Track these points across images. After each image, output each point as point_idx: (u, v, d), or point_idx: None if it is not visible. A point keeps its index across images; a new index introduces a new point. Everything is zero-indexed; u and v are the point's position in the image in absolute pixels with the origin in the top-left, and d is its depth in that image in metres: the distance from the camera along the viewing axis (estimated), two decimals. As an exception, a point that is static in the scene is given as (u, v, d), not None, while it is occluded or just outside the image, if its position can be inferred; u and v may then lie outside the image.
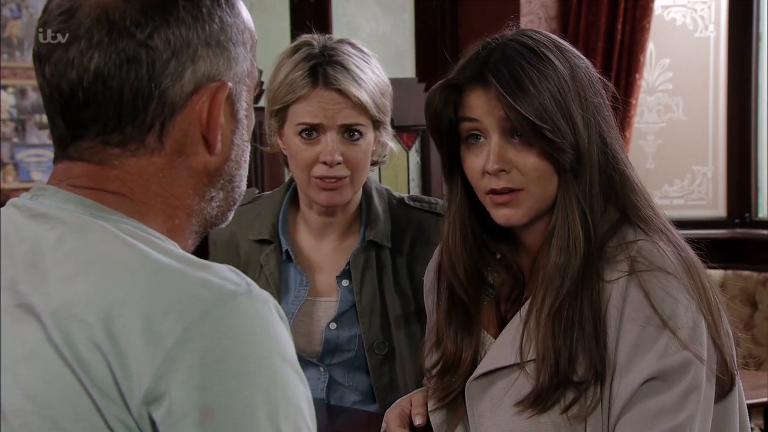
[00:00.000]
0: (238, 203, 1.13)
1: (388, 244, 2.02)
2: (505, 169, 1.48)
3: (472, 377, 1.54)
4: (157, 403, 0.89)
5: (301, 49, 1.95)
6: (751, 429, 1.57)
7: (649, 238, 1.47)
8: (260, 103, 3.82)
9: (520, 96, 1.44)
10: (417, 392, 1.68)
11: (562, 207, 1.48)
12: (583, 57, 1.54)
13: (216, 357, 0.90)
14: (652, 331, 1.41)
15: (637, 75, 4.65)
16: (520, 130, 1.46)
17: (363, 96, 1.91)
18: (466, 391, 1.54)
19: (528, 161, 1.47)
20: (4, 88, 4.80)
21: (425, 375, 1.67)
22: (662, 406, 1.40)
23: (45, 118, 1.06)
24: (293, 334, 1.98)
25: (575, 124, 1.46)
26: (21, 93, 4.85)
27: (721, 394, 1.48)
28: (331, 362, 2.04)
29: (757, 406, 3.33)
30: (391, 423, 1.64)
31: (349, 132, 1.93)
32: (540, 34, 1.52)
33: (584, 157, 1.47)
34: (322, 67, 1.91)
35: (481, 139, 1.50)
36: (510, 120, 1.46)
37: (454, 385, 1.57)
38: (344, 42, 1.97)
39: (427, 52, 4.98)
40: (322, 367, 2.04)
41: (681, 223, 1.59)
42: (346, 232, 2.05)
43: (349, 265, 2.01)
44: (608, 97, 1.54)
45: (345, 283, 2.02)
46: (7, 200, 1.07)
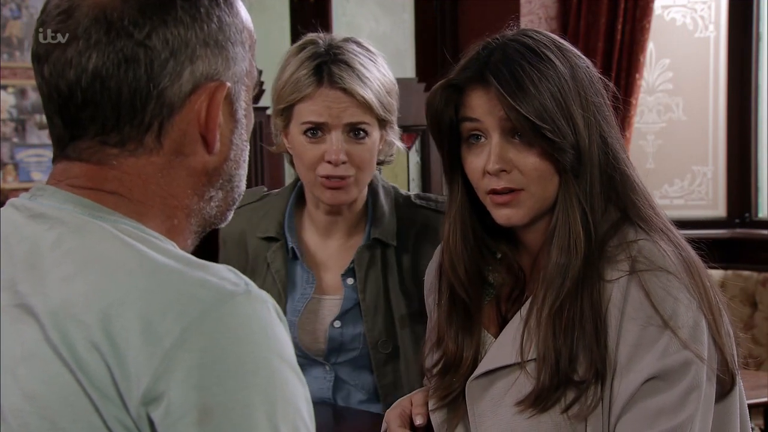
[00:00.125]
0: (237, 203, 1.12)
1: (393, 243, 2.01)
2: (506, 169, 1.48)
3: (472, 377, 1.54)
4: (156, 403, 0.89)
5: (307, 48, 1.94)
6: (752, 429, 1.56)
7: (650, 238, 1.47)
8: (260, 103, 3.83)
9: (521, 96, 1.44)
10: (417, 392, 1.68)
11: (563, 207, 1.48)
12: (584, 57, 1.53)
13: (214, 357, 0.90)
14: (652, 331, 1.41)
15: (637, 75, 4.64)
16: (520, 130, 1.46)
17: (368, 95, 1.90)
18: (466, 391, 1.54)
19: (528, 161, 1.47)
20: (4, 88, 4.80)
21: (426, 375, 1.67)
22: (663, 406, 1.40)
23: (45, 118, 1.06)
24: (299, 331, 2.00)
25: (576, 124, 1.46)
26: (21, 93, 4.85)
27: (722, 394, 1.48)
28: (337, 361, 2.03)
29: (757, 406, 3.33)
30: (392, 423, 1.63)
31: (355, 131, 1.92)
32: (540, 34, 1.52)
33: (585, 157, 1.47)
34: (327, 66, 1.90)
35: (482, 139, 1.50)
36: (510, 120, 1.46)
37: (454, 384, 1.57)
38: (350, 40, 1.96)
39: (427, 52, 4.98)
40: (327, 366, 2.04)
41: (681, 223, 1.59)
42: (352, 230, 2.04)
43: (354, 263, 2.01)
44: (609, 97, 1.54)
45: (350, 281, 2.01)
46: (7, 200, 1.07)
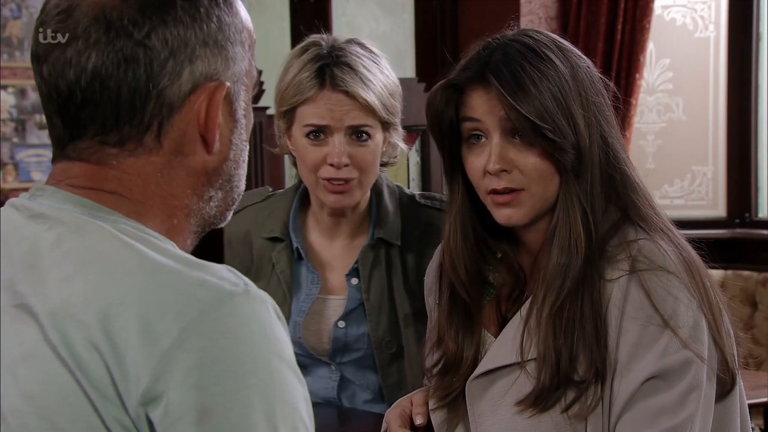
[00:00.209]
0: (237, 203, 1.12)
1: (397, 242, 2.00)
2: (506, 169, 1.48)
3: (472, 376, 1.54)
4: (155, 403, 0.89)
5: (310, 50, 1.93)
6: (752, 429, 1.56)
7: (650, 237, 1.47)
8: (260, 103, 3.83)
9: (521, 96, 1.44)
10: (418, 392, 1.68)
11: (564, 207, 1.48)
12: (584, 57, 1.53)
13: (213, 357, 0.90)
14: (653, 330, 1.41)
15: (637, 75, 4.64)
16: (521, 130, 1.46)
17: (370, 97, 1.89)
18: (466, 390, 1.54)
19: (529, 161, 1.47)
20: (4, 88, 4.80)
21: (426, 374, 1.67)
22: (663, 405, 1.40)
23: (45, 118, 1.06)
24: (304, 331, 2.00)
25: (576, 124, 1.46)
26: (21, 93, 4.85)
27: (722, 394, 1.48)
28: (342, 361, 2.03)
29: (757, 406, 3.32)
30: (392, 423, 1.63)
31: (357, 133, 1.91)
32: (541, 34, 1.52)
33: (585, 157, 1.47)
34: (330, 68, 1.89)
35: (482, 139, 1.50)
36: (511, 120, 1.46)
37: (454, 384, 1.57)
38: (353, 42, 1.95)
39: (427, 52, 4.98)
40: (333, 366, 2.03)
41: (681, 223, 1.59)
42: (357, 230, 2.04)
43: (358, 263, 2.00)
44: (609, 97, 1.54)
45: (354, 281, 2.01)
46: (7, 200, 1.07)
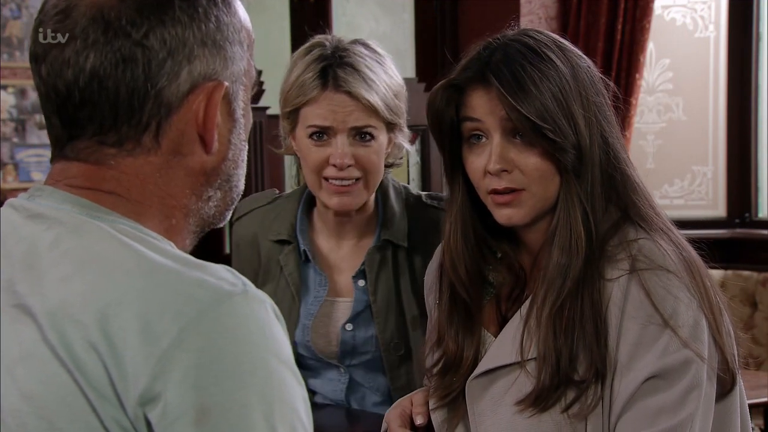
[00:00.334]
0: (236, 203, 1.12)
1: (404, 244, 1.99)
2: (507, 169, 1.48)
3: (472, 376, 1.54)
4: (153, 403, 0.89)
5: (314, 50, 1.93)
6: (752, 429, 1.56)
7: (650, 237, 1.48)
8: (260, 103, 3.83)
9: (522, 96, 1.44)
10: (418, 392, 1.68)
11: (564, 207, 1.48)
12: (585, 57, 1.53)
13: (212, 357, 0.90)
14: (653, 330, 1.41)
15: (637, 75, 4.64)
16: (521, 130, 1.46)
17: (373, 98, 1.88)
18: (466, 390, 1.54)
19: (530, 161, 1.47)
20: (4, 88, 4.80)
21: (426, 374, 1.67)
22: (663, 405, 1.40)
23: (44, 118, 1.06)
24: (313, 334, 1.99)
25: (577, 124, 1.46)
26: (21, 93, 4.85)
27: (722, 394, 1.49)
28: (351, 363, 2.02)
29: (757, 406, 3.32)
30: (392, 423, 1.63)
31: (360, 134, 1.91)
32: (542, 34, 1.52)
33: (586, 157, 1.47)
34: (333, 69, 1.88)
35: (483, 139, 1.50)
36: (511, 120, 1.46)
37: (455, 384, 1.57)
38: (357, 43, 1.94)
39: (427, 52, 4.98)
40: (342, 368, 2.02)
41: (681, 223, 1.59)
42: (364, 231, 2.03)
43: (365, 264, 1.99)
44: (609, 97, 1.54)
45: (360, 283, 2.00)
46: (5, 201, 1.07)
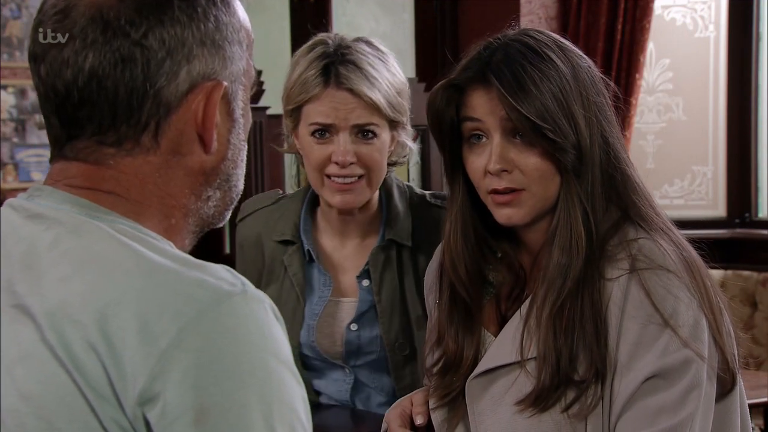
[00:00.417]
0: (235, 203, 1.13)
1: (408, 243, 1.98)
2: (507, 169, 1.48)
3: (472, 375, 1.54)
4: (152, 403, 0.89)
5: (316, 48, 1.92)
6: (752, 429, 1.56)
7: (650, 237, 1.48)
8: (260, 103, 3.83)
9: (522, 96, 1.44)
10: (418, 392, 1.68)
11: (564, 207, 1.48)
12: (586, 57, 1.53)
13: (211, 357, 0.90)
14: (653, 330, 1.42)
15: (637, 75, 4.64)
16: (521, 130, 1.46)
17: (375, 96, 1.87)
18: (466, 390, 1.54)
19: (530, 161, 1.47)
20: (4, 88, 4.80)
21: (426, 374, 1.67)
22: (663, 404, 1.40)
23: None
24: (318, 334, 1.99)
25: (577, 124, 1.46)
26: (21, 93, 4.85)
27: (723, 394, 1.49)
28: (356, 364, 2.01)
29: (757, 406, 3.32)
30: (392, 423, 1.64)
31: (363, 132, 1.90)
32: (542, 33, 1.52)
33: (586, 157, 1.47)
34: (335, 66, 1.88)
35: (483, 139, 1.50)
36: (512, 120, 1.46)
37: (455, 383, 1.57)
38: (360, 41, 1.94)
39: (427, 52, 4.98)
40: (347, 369, 2.02)
41: (681, 223, 1.59)
42: (368, 231, 2.02)
43: (369, 264, 1.98)
44: (610, 97, 1.54)
45: (365, 283, 1.99)
46: (5, 201, 1.07)
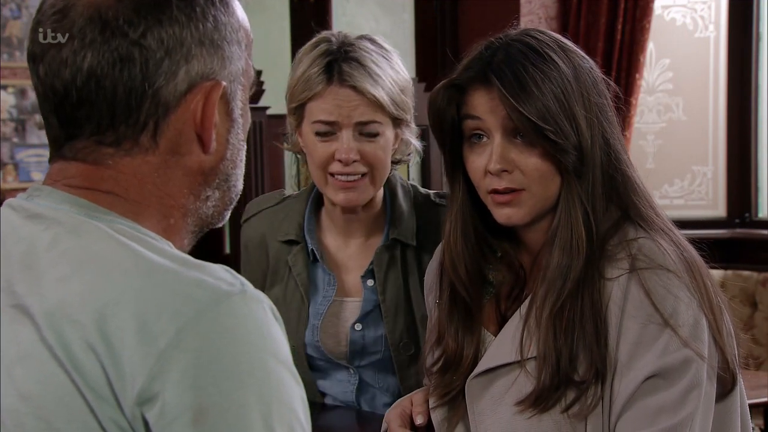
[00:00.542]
0: (234, 203, 1.13)
1: (413, 243, 1.98)
2: (507, 169, 1.48)
3: (472, 375, 1.54)
4: (151, 403, 0.89)
5: (319, 46, 1.92)
6: (752, 429, 1.56)
7: (650, 236, 1.48)
8: (260, 103, 3.83)
9: (523, 97, 1.44)
10: (418, 392, 1.68)
11: (565, 207, 1.48)
12: (588, 57, 1.53)
13: (210, 357, 0.90)
14: (653, 329, 1.42)
15: (637, 75, 4.64)
16: (522, 131, 1.46)
17: (379, 93, 1.87)
18: (466, 389, 1.55)
19: (530, 162, 1.47)
20: (4, 88, 4.80)
21: (426, 374, 1.67)
22: (663, 404, 1.40)
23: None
24: (322, 334, 1.99)
25: (578, 125, 1.46)
26: (21, 93, 4.85)
27: (723, 394, 1.49)
28: (360, 364, 2.01)
29: (757, 406, 3.32)
30: (392, 423, 1.64)
31: (366, 130, 1.90)
32: (544, 34, 1.52)
33: (587, 158, 1.47)
34: (338, 64, 1.88)
35: (484, 138, 1.50)
36: (513, 120, 1.46)
37: (455, 382, 1.57)
38: (364, 38, 1.93)
39: (427, 52, 4.97)
40: (351, 369, 2.02)
41: (681, 223, 1.59)
42: (372, 230, 2.02)
43: (373, 264, 1.98)
44: (611, 98, 1.54)
45: (369, 282, 1.99)
46: (4, 201, 1.07)
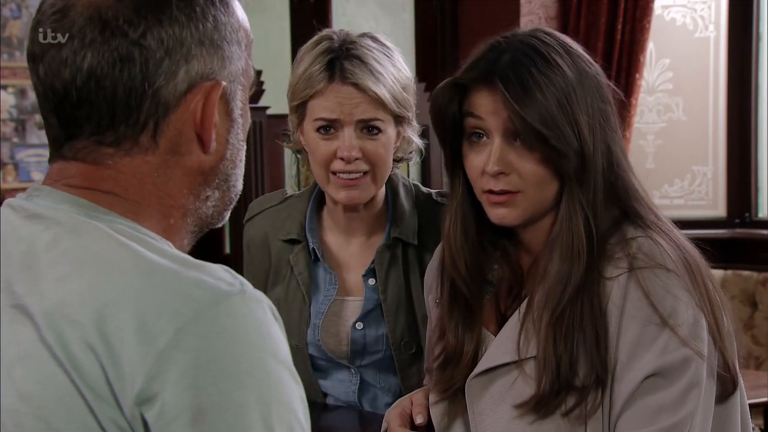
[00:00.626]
0: (234, 203, 1.13)
1: (414, 242, 1.98)
2: (505, 171, 1.48)
3: (472, 375, 1.54)
4: (150, 403, 0.89)
5: (321, 43, 1.92)
6: (752, 429, 1.56)
7: (649, 235, 1.48)
8: (260, 103, 3.83)
9: (527, 102, 1.43)
10: (418, 391, 1.69)
11: (566, 214, 1.47)
12: (594, 63, 1.52)
13: (209, 357, 0.90)
14: (652, 329, 1.42)
15: (637, 75, 4.64)
16: (523, 135, 1.46)
17: (380, 90, 1.87)
18: (466, 389, 1.55)
19: (528, 166, 1.47)
20: (4, 88, 4.80)
21: (427, 375, 1.67)
22: (662, 403, 1.40)
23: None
24: (323, 334, 1.99)
25: (581, 131, 1.45)
26: (21, 93, 4.85)
27: (723, 396, 1.48)
28: (362, 363, 2.01)
29: (757, 406, 3.32)
30: (392, 422, 1.64)
31: (368, 127, 1.90)
32: (551, 36, 1.51)
33: (589, 164, 1.46)
34: (340, 61, 1.88)
35: (484, 138, 1.50)
36: (514, 124, 1.45)
37: (455, 378, 1.57)
38: (365, 36, 1.93)
39: (427, 52, 4.97)
40: (352, 369, 2.02)
41: (681, 223, 1.59)
42: (373, 229, 2.02)
43: (375, 263, 1.98)
44: (616, 104, 1.53)
45: (371, 281, 1.99)
46: (4, 201, 1.07)
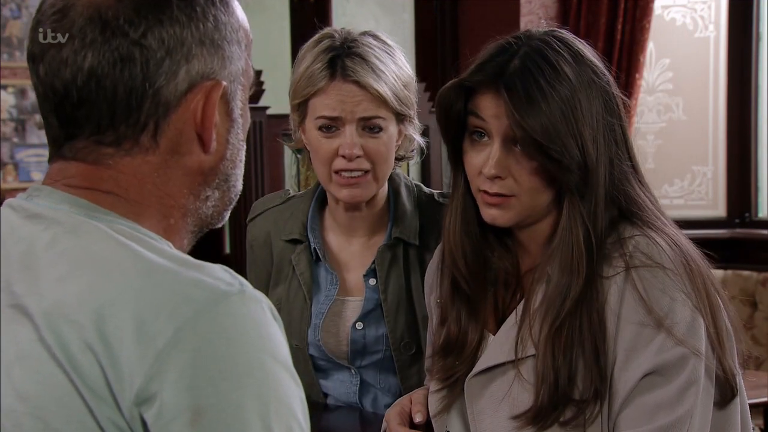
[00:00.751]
0: (234, 203, 1.13)
1: (415, 242, 1.97)
2: (501, 176, 1.48)
3: (471, 374, 1.54)
4: (149, 403, 0.89)
5: (323, 41, 1.92)
6: (752, 429, 1.56)
7: (646, 234, 1.47)
8: (260, 103, 3.83)
9: (530, 113, 1.42)
10: (417, 391, 1.69)
11: (567, 225, 1.47)
12: (605, 72, 1.50)
13: (208, 357, 0.90)
14: (649, 331, 1.42)
15: (637, 75, 4.64)
16: (523, 144, 1.45)
17: (382, 88, 1.87)
18: (465, 388, 1.55)
19: (525, 173, 1.47)
20: (4, 88, 4.80)
21: (428, 375, 1.67)
22: (661, 401, 1.40)
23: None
24: (324, 334, 1.99)
25: (584, 144, 1.44)
26: (21, 93, 4.85)
27: (722, 400, 1.48)
28: (362, 364, 2.01)
29: (757, 406, 3.32)
30: (392, 421, 1.64)
31: (369, 125, 1.89)
32: (562, 42, 1.49)
33: (591, 178, 1.45)
34: (341, 59, 1.87)
35: (485, 138, 1.50)
36: (515, 132, 1.45)
37: (456, 367, 1.57)
38: (367, 34, 1.93)
39: (427, 52, 4.97)
40: (353, 369, 2.02)
41: (681, 223, 1.58)
42: (375, 229, 2.01)
43: (375, 263, 1.98)
44: (625, 115, 1.52)
45: (371, 281, 1.99)
46: (4, 201, 1.07)
